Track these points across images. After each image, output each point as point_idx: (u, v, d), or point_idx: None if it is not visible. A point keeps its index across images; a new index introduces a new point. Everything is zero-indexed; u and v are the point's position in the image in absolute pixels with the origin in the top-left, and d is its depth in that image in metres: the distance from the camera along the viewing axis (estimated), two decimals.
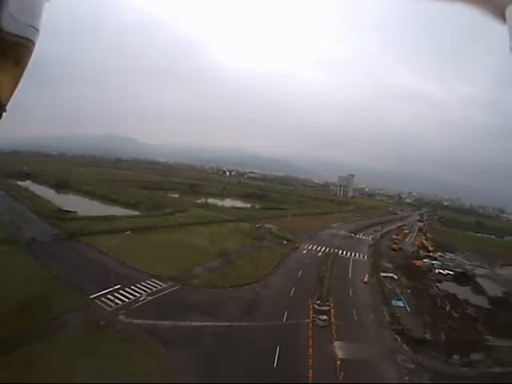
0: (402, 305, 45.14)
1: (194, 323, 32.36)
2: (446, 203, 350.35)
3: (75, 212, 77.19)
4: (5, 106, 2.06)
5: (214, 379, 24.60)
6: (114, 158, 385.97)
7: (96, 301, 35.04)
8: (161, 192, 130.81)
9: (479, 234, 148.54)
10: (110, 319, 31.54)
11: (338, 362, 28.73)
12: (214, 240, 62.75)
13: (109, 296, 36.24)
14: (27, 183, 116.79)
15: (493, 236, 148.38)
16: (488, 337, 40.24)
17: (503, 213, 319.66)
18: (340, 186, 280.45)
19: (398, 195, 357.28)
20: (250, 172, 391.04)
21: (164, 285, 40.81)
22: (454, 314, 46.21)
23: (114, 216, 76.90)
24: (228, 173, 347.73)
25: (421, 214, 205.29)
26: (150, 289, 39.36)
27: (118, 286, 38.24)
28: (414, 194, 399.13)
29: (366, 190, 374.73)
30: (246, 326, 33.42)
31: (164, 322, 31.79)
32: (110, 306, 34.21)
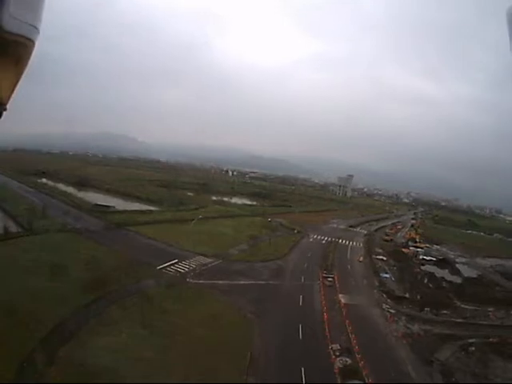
0: (388, 276, 58.84)
1: (241, 282, 46.55)
2: (443, 203, 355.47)
3: (113, 206, 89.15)
4: (5, 105, 2.09)
5: (261, 312, 37.90)
6: (116, 157, 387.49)
7: (163, 270, 47.65)
8: (178, 190, 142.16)
9: (469, 231, 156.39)
10: (181, 281, 44.23)
11: (342, 305, 42.74)
12: (238, 230, 76.32)
13: (171, 267, 49.10)
14: (48, 181, 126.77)
15: (482, 233, 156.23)
16: (456, 301, 52.35)
17: (500, 213, 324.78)
18: (339, 186, 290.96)
19: (396, 195, 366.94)
20: (252, 172, 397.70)
21: (210, 259, 54.25)
22: (430, 285, 59.29)
23: (150, 210, 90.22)
24: (231, 173, 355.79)
25: (415, 213, 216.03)
26: (201, 262, 52.57)
27: (176, 260, 51.41)
28: (412, 194, 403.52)
29: (365, 190, 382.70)
30: (277, 284, 47.95)
31: (220, 282, 45.37)
32: (176, 274, 47.08)
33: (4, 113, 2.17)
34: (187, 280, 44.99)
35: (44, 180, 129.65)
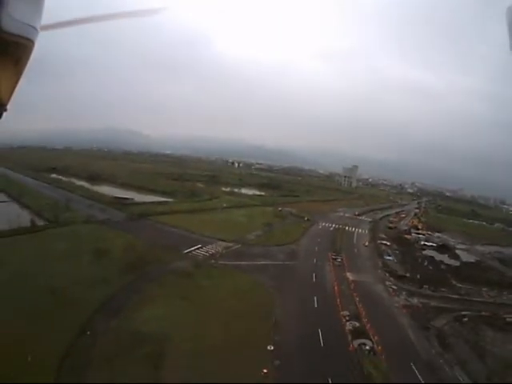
0: (391, 258, 64.46)
1: (260, 262, 52.43)
2: (447, 194, 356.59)
3: (132, 199, 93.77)
4: (5, 105, 2.13)
5: (280, 287, 43.72)
6: (121, 152, 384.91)
7: (189, 254, 53.20)
8: (188, 182, 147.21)
9: (471, 221, 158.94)
10: (208, 262, 50.05)
11: (350, 281, 48.82)
12: (251, 218, 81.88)
13: (197, 251, 54.86)
14: (61, 177, 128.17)
15: (484, 223, 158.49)
16: (453, 281, 57.40)
17: (504, 204, 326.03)
18: (344, 176, 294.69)
19: (400, 185, 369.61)
20: (257, 163, 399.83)
21: (230, 244, 60.11)
22: (430, 267, 64.50)
23: (166, 201, 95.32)
24: (236, 164, 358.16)
25: (419, 203, 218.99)
26: (222, 246, 58.30)
27: (200, 246, 57.18)
28: (416, 184, 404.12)
29: (370, 180, 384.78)
30: (292, 264, 54.03)
31: (242, 262, 51.38)
32: (202, 257, 52.77)
33: (4, 113, 2.26)
34: (213, 261, 50.59)
35: (56, 175, 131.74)
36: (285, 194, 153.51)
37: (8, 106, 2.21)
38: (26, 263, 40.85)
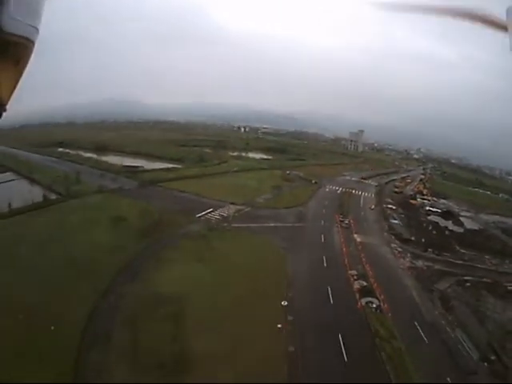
0: (397, 221, 66.00)
1: (270, 224, 54.25)
2: (453, 161, 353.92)
3: (142, 166, 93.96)
4: (5, 105, 2.11)
5: (291, 247, 45.62)
6: (126, 121, 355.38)
7: (202, 218, 54.68)
8: (196, 148, 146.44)
9: (476, 189, 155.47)
10: (220, 225, 51.62)
11: (357, 242, 50.80)
12: (260, 182, 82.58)
13: (209, 215, 56.27)
14: (68, 150, 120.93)
15: (488, 192, 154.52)
16: (456, 246, 58.43)
17: (510, 175, 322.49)
18: (351, 140, 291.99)
19: (406, 150, 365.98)
20: (263, 127, 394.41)
21: (241, 207, 61.62)
22: (434, 232, 65.71)
23: (176, 167, 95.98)
24: (243, 129, 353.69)
25: (424, 168, 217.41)
26: (233, 209, 59.76)
27: (211, 209, 58.60)
28: (422, 150, 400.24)
29: (376, 145, 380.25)
30: (301, 226, 55.95)
31: (252, 225, 53.07)
32: (215, 220, 54.16)
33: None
34: (225, 224, 52.13)
35: (63, 149, 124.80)
36: (292, 157, 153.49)
37: (8, 106, 2.19)
38: (43, 236, 41.11)
